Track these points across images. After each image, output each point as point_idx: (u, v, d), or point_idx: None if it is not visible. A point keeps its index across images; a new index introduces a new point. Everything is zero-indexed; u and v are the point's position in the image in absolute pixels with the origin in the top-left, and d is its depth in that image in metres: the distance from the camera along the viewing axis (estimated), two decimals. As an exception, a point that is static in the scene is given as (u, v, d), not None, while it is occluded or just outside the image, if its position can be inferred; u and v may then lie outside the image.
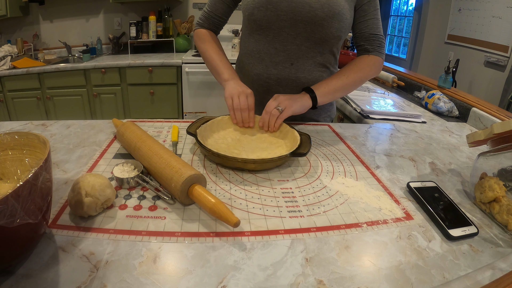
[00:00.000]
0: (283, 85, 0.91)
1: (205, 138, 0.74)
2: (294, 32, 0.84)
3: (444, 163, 0.78)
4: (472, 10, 3.19)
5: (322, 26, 0.81)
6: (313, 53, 0.87)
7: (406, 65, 4.43)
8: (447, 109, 1.26)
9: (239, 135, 0.80)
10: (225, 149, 0.72)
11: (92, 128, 0.83)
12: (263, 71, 0.91)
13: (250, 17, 0.85)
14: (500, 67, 2.92)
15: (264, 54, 0.89)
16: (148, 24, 2.73)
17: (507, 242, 0.52)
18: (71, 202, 0.49)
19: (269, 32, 0.86)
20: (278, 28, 0.84)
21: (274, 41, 0.86)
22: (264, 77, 0.92)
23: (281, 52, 0.87)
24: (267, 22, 0.84)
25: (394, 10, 5.34)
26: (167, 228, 0.49)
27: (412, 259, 0.46)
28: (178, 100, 2.63)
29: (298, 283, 0.41)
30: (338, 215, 0.55)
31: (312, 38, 0.84)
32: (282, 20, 0.82)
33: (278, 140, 0.79)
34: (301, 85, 0.90)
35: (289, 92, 0.91)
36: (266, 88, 0.93)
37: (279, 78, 0.90)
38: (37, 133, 0.48)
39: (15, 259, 0.39)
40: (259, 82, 0.93)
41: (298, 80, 0.90)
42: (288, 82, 0.91)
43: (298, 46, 0.86)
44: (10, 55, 2.43)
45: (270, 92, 0.92)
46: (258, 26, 0.86)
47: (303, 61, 0.88)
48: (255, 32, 0.88)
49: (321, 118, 1.03)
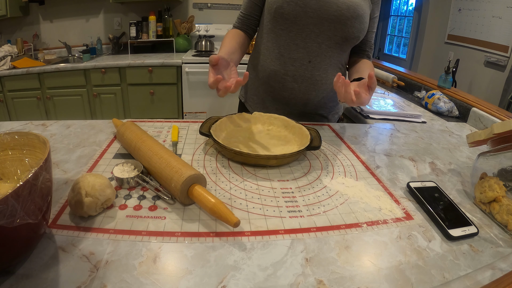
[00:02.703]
0: (299, 82, 0.93)
1: (217, 138, 0.74)
2: (318, 30, 0.87)
3: (444, 163, 0.78)
4: (472, 10, 3.19)
5: (346, 25, 0.85)
6: (331, 53, 0.91)
7: (406, 65, 4.43)
8: (447, 109, 1.26)
9: (248, 133, 0.81)
10: (239, 147, 0.73)
11: (92, 128, 0.83)
12: (280, 67, 0.93)
13: (278, 10, 0.86)
14: (500, 67, 2.92)
15: (283, 49, 0.91)
16: (148, 24, 2.73)
17: (507, 242, 0.52)
18: (71, 202, 0.49)
19: (293, 27, 0.87)
20: (303, 25, 0.86)
21: (296, 37, 0.88)
22: (281, 73, 0.93)
23: (301, 49, 0.89)
24: (294, 17, 0.86)
25: (394, 10, 5.33)
26: (167, 228, 0.49)
27: (412, 259, 0.46)
28: (178, 100, 2.63)
29: (298, 283, 0.41)
30: (338, 215, 0.55)
31: (334, 37, 0.88)
32: (309, 17, 0.85)
33: (286, 135, 0.81)
34: (315, 83, 0.93)
35: (304, 89, 0.94)
36: (281, 84, 0.95)
37: (295, 75, 0.92)
38: (37, 133, 0.48)
39: (15, 259, 0.39)
40: (275, 78, 0.95)
41: (313, 78, 0.93)
42: (304, 79, 0.93)
43: (319, 44, 0.89)
44: (10, 55, 2.43)
45: (285, 88, 0.94)
46: (284, 20, 0.87)
47: (321, 59, 0.91)
48: (278, 27, 0.90)
49: (330, 116, 1.06)
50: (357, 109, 1.26)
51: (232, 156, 0.69)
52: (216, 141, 0.69)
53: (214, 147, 0.76)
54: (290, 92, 0.95)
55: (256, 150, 0.73)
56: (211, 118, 0.81)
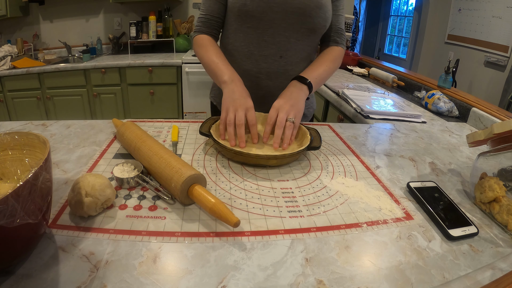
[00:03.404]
0: (273, 78, 0.93)
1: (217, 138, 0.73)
2: (285, 24, 0.86)
3: (444, 163, 0.78)
4: (472, 10, 3.20)
5: (311, 16, 0.85)
6: (301, 45, 0.90)
7: (406, 65, 4.44)
8: (447, 109, 1.26)
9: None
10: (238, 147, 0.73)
11: (92, 128, 0.83)
12: (252, 66, 0.92)
13: (242, 8, 0.85)
14: (500, 67, 2.92)
15: (253, 47, 0.90)
16: (148, 24, 2.73)
17: (507, 242, 0.52)
18: (71, 202, 0.49)
19: (259, 24, 0.86)
20: (270, 20, 0.85)
21: (264, 34, 0.87)
22: (254, 72, 0.92)
23: (271, 45, 0.88)
24: (259, 13, 0.84)
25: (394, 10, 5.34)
26: (167, 228, 0.49)
27: (412, 259, 0.46)
28: (178, 100, 2.63)
29: (298, 283, 0.41)
30: (338, 215, 0.55)
31: (301, 29, 0.87)
32: (274, 12, 0.84)
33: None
34: (289, 78, 0.90)
35: (279, 85, 0.92)
36: (255, 83, 0.93)
37: (269, 72, 0.92)
38: (37, 133, 0.48)
39: (15, 259, 0.39)
40: (248, 78, 0.92)
41: (286, 73, 0.92)
42: (278, 75, 0.92)
43: (288, 38, 0.88)
44: (10, 55, 2.43)
45: (259, 87, 0.93)
46: (250, 17, 0.86)
47: (292, 53, 0.90)
48: (245, 25, 0.88)
49: (306, 110, 1.03)
50: (357, 109, 1.26)
51: (232, 156, 0.69)
52: (216, 141, 0.69)
53: (214, 147, 0.76)
54: (266, 90, 0.94)
55: (256, 150, 0.73)
56: (211, 118, 0.81)
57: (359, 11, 5.36)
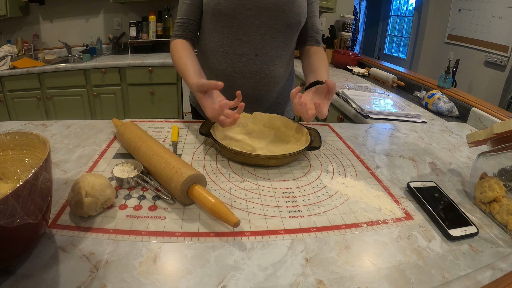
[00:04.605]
0: (248, 77, 0.92)
1: (217, 138, 0.74)
2: (259, 21, 0.86)
3: (444, 163, 0.78)
4: (472, 10, 3.19)
5: (284, 11, 0.85)
6: (276, 43, 0.90)
7: (406, 65, 4.44)
8: (447, 109, 1.26)
9: (248, 133, 0.81)
10: (240, 147, 0.73)
11: (92, 128, 0.83)
12: (227, 65, 0.92)
13: (215, 7, 0.85)
14: (500, 67, 2.92)
15: (228, 47, 0.90)
16: (148, 24, 2.73)
17: (507, 242, 0.52)
18: (71, 202, 0.49)
19: (233, 23, 0.87)
20: (243, 18, 0.86)
21: (238, 32, 0.88)
22: (228, 71, 0.92)
23: (246, 43, 0.89)
24: (233, 12, 0.85)
25: (394, 10, 5.34)
26: (167, 228, 0.49)
27: (412, 259, 0.46)
28: (178, 100, 2.63)
29: (298, 283, 0.41)
30: (338, 215, 0.55)
31: (275, 26, 0.87)
32: (247, 9, 0.85)
33: (286, 135, 0.80)
34: (265, 77, 0.92)
35: (253, 85, 0.93)
36: (230, 82, 0.93)
37: (243, 71, 0.92)
38: (37, 133, 0.48)
39: (15, 259, 0.39)
40: (223, 78, 0.93)
41: (262, 72, 0.92)
42: (253, 74, 0.92)
43: (262, 36, 0.88)
44: (10, 55, 2.43)
45: (234, 86, 0.93)
46: (223, 16, 0.86)
47: (267, 51, 0.90)
48: (219, 25, 0.89)
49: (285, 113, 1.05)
50: (357, 109, 1.26)
51: (232, 156, 0.69)
52: (216, 141, 0.69)
53: (214, 147, 0.76)
54: (240, 89, 0.90)
55: (256, 150, 0.73)
56: None
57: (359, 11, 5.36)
